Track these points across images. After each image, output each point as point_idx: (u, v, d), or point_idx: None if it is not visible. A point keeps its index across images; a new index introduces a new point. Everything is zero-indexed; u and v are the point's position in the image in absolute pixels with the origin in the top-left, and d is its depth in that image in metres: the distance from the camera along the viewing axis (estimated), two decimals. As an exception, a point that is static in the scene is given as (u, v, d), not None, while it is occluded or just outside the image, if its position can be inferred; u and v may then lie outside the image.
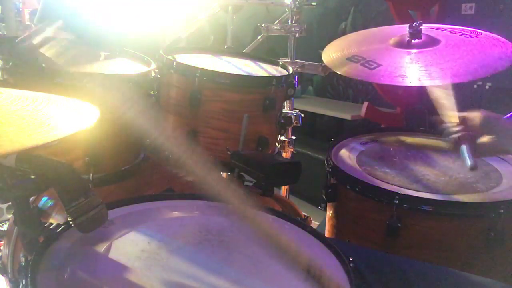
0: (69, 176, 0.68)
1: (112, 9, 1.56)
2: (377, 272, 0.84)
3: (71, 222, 0.68)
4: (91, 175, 1.06)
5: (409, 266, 0.89)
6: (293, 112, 1.70)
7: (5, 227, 1.34)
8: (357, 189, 1.15)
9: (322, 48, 1.40)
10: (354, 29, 3.37)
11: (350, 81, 4.00)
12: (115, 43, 1.34)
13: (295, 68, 1.69)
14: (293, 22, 1.81)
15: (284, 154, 1.65)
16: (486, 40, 1.25)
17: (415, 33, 1.29)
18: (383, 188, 1.12)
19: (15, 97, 0.63)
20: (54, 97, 0.67)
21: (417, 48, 1.27)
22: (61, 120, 0.60)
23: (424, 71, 1.18)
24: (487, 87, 3.19)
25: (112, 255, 0.71)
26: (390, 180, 1.17)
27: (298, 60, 1.83)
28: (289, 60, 1.81)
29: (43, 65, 1.07)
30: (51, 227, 0.74)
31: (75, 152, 1.04)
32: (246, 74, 1.34)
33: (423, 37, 1.30)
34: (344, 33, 3.38)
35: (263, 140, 1.29)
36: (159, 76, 1.24)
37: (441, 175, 1.21)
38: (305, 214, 1.47)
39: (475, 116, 0.97)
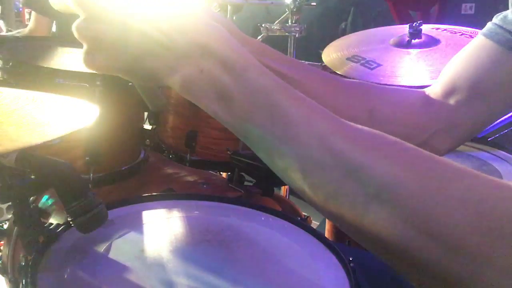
0: (69, 176, 0.68)
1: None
2: (373, 275, 0.84)
3: (71, 222, 0.68)
4: (91, 175, 1.06)
5: None
6: (293, 112, 1.70)
7: (5, 227, 1.34)
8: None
9: (322, 48, 1.40)
10: (354, 29, 3.37)
11: (350, 81, 4.00)
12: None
13: (295, 68, 1.69)
14: (293, 22, 1.81)
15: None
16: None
17: (415, 33, 1.29)
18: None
19: (15, 97, 0.63)
20: (53, 96, 0.67)
21: (417, 48, 1.28)
22: (61, 119, 0.60)
23: (424, 71, 1.18)
24: (487, 87, 3.19)
25: (112, 255, 0.71)
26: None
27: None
28: (289, 60, 1.80)
29: (42, 64, 1.07)
30: (51, 227, 0.74)
31: (75, 152, 1.04)
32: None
33: (423, 37, 1.30)
34: (344, 33, 3.38)
35: (263, 140, 1.29)
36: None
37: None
38: (305, 214, 1.47)
39: None
